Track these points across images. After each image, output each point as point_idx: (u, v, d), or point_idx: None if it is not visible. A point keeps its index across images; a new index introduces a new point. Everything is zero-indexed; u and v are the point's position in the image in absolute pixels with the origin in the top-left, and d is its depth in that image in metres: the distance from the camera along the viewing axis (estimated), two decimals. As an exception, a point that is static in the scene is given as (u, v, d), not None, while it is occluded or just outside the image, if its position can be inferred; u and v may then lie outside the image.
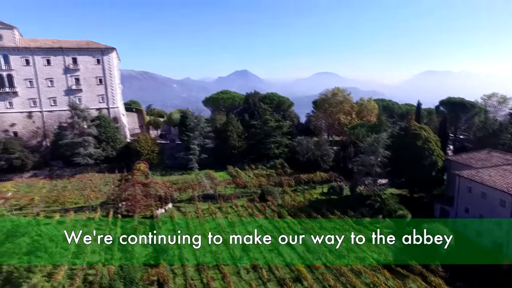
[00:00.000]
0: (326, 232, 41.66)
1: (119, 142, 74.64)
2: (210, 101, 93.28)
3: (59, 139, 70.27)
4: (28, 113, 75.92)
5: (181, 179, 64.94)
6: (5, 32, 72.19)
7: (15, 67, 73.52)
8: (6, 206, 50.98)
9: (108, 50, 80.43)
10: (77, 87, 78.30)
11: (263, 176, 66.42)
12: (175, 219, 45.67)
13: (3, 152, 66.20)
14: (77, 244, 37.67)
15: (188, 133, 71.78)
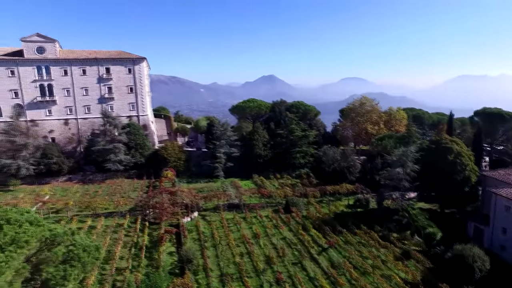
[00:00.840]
0: (351, 247, 41.13)
1: (147, 149, 76.92)
2: (236, 109, 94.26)
3: (91, 145, 73.49)
4: (65, 120, 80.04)
5: (207, 187, 65.96)
6: (47, 45, 77.03)
7: (55, 77, 78.04)
8: (44, 209, 54.13)
9: (138, 60, 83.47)
10: (110, 95, 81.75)
11: (288, 186, 66.32)
12: (201, 228, 46.46)
13: (43, 157, 70.15)
14: (106, 249, 39.72)
15: (215, 142, 72.98)
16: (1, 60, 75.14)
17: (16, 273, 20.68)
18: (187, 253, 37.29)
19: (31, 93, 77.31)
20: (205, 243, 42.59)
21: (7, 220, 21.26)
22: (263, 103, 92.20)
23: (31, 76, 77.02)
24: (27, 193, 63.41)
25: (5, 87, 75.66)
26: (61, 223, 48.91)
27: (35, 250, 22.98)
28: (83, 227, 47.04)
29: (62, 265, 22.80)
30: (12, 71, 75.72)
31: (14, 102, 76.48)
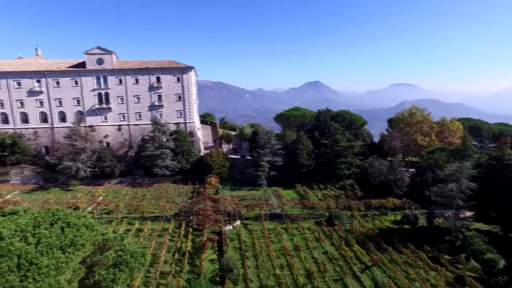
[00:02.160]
0: (396, 267, 39.03)
1: (193, 156, 79.38)
2: (280, 117, 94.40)
3: (141, 150, 77.48)
4: (118, 126, 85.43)
5: (250, 195, 66.52)
6: (106, 56, 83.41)
7: (111, 86, 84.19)
8: (97, 209, 57.95)
9: (187, 69, 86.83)
10: (159, 103, 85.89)
11: (332, 197, 64.90)
12: (242, 237, 46.86)
13: (98, 160, 75.37)
14: (151, 253, 41.47)
15: (258, 150, 73.55)
16: (68, 71, 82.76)
17: (73, 273, 22.22)
18: (228, 262, 37.74)
19: (90, 101, 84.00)
20: (246, 252, 42.84)
21: (68, 223, 23.00)
22: (308, 111, 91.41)
23: (91, 85, 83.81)
24: (84, 193, 68.34)
25: (69, 95, 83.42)
26: (112, 224, 52.22)
27: (89, 253, 24.55)
28: (132, 229, 49.61)
29: (112, 268, 24.16)
30: (76, 81, 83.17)
31: (76, 109, 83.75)
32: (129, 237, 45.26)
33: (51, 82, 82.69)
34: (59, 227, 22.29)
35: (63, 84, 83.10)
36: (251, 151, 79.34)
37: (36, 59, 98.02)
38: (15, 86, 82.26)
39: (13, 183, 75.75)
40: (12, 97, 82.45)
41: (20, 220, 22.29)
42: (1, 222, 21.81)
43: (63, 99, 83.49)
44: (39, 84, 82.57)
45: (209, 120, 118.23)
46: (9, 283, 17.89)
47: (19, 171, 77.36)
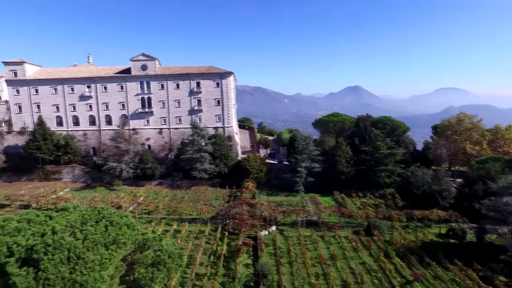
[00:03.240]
0: (441, 284, 36.49)
1: (231, 160, 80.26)
2: (319, 123, 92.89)
3: (181, 153, 79.66)
4: (160, 130, 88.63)
5: (286, 200, 65.97)
6: (149, 63, 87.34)
7: (153, 91, 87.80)
8: (138, 209, 60.25)
9: (226, 74, 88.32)
10: (199, 107, 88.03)
11: (371, 206, 62.60)
12: (278, 243, 46.42)
13: (140, 162, 78.56)
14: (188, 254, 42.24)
15: (296, 155, 72.86)
16: (115, 77, 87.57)
17: (115, 269, 23.14)
18: (263, 267, 37.51)
19: (134, 105, 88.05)
20: (281, 258, 42.36)
21: (111, 222, 24.03)
22: (347, 117, 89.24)
23: (135, 90, 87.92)
24: (127, 193, 71.44)
25: (115, 100, 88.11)
26: (151, 224, 53.99)
27: (130, 251, 25.43)
28: (170, 230, 50.97)
29: (151, 267, 24.83)
30: (121, 86, 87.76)
31: (121, 113, 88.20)
32: (167, 238, 46.49)
33: (100, 87, 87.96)
34: (103, 225, 23.32)
35: (110, 89, 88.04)
36: (288, 157, 78.83)
37: (88, 66, 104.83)
38: (69, 91, 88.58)
39: (65, 181, 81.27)
40: (66, 102, 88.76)
41: (70, 216, 23.64)
42: (55, 217, 23.28)
43: (109, 103, 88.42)
44: (89, 89, 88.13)
45: (247, 125, 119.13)
46: (61, 274, 19.04)
47: (71, 170, 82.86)
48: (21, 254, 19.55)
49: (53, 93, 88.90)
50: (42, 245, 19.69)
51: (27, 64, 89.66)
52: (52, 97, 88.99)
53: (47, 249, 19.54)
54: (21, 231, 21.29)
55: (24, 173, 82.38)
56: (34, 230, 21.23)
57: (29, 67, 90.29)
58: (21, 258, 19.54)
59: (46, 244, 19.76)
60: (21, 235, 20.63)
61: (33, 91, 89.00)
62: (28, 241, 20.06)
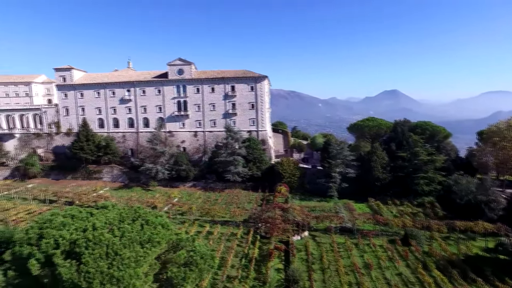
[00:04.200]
0: (489, 302, 33.91)
1: (264, 163, 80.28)
2: (354, 127, 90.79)
3: (214, 156, 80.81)
4: (194, 133, 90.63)
5: (319, 206, 64.89)
6: (185, 67, 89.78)
7: (189, 94, 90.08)
8: (172, 210, 61.73)
9: (260, 78, 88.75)
10: (233, 111, 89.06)
11: (408, 214, 59.98)
12: (310, 249, 45.68)
13: (175, 163, 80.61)
14: (220, 256, 42.58)
15: (330, 160, 71.58)
16: (153, 81, 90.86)
17: (150, 267, 23.78)
18: (294, 273, 37.00)
19: (170, 108, 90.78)
20: (313, 265, 41.61)
21: (147, 221, 24.81)
22: (384, 122, 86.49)
23: (172, 94, 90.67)
24: (161, 194, 73.42)
25: (153, 103, 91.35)
26: (184, 225, 55.10)
27: (164, 250, 26.03)
28: (202, 231, 51.72)
29: (183, 267, 25.23)
30: (159, 90, 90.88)
31: (158, 116, 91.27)
32: (200, 239, 47.10)
33: (138, 91, 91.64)
34: (139, 223, 24.11)
35: (148, 93, 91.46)
36: (322, 161, 77.62)
37: (128, 71, 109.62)
38: (110, 95, 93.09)
39: (105, 180, 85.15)
40: (107, 105, 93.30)
41: (109, 214, 24.70)
42: (95, 214, 24.44)
43: (147, 106, 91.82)
44: (129, 93, 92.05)
45: (281, 129, 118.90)
46: (100, 268, 19.90)
47: (110, 170, 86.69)
48: (65, 247, 20.68)
49: (96, 96, 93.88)
50: (84, 240, 20.70)
51: (74, 70, 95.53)
52: (95, 100, 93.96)
53: (88, 244, 20.52)
54: (65, 225, 22.53)
55: (69, 172, 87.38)
56: (77, 226, 22.37)
57: (76, 72, 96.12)
58: (65, 250, 20.66)
59: (87, 239, 20.75)
60: (66, 230, 21.84)
61: (79, 95, 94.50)
62: (71, 235, 21.19)
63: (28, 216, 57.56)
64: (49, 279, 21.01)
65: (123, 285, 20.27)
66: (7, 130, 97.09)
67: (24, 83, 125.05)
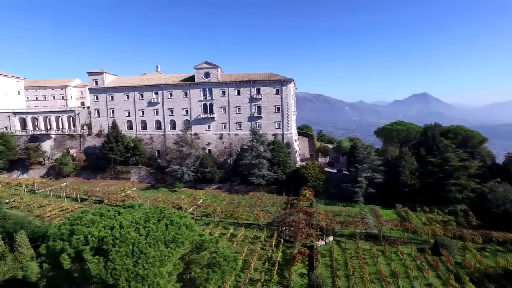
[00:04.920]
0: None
1: (289, 167, 79.71)
2: (382, 132, 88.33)
3: (239, 159, 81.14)
4: (220, 135, 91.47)
5: (345, 211, 63.68)
6: (212, 70, 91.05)
7: (215, 97, 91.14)
8: (197, 211, 62.46)
9: (286, 81, 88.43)
10: (258, 114, 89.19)
11: (438, 222, 57.59)
12: (334, 255, 44.82)
13: (200, 165, 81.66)
14: (243, 259, 42.55)
15: (356, 165, 70.13)
16: (180, 84, 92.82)
17: (174, 267, 24.10)
18: (318, 278, 36.39)
19: (196, 111, 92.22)
20: (337, 271, 40.77)
21: (171, 221, 25.15)
22: (413, 126, 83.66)
23: (198, 97, 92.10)
24: (187, 195, 74.54)
25: (180, 106, 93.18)
26: (208, 226, 55.60)
27: (187, 251, 26.30)
28: (226, 233, 51.99)
29: (206, 268, 25.37)
30: (185, 93, 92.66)
31: (184, 118, 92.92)
32: (223, 241, 47.53)
33: (166, 94, 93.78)
34: (164, 223, 24.48)
35: (175, 96, 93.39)
36: (348, 166, 76.18)
37: (156, 74, 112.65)
38: (139, 98, 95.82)
39: (132, 180, 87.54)
40: (136, 107, 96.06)
41: (136, 213, 25.26)
42: (122, 213, 25.08)
43: (174, 109, 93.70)
44: (157, 96, 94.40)
45: (307, 132, 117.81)
46: (126, 266, 20.40)
47: (137, 171, 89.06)
48: (94, 244, 21.32)
49: (126, 99, 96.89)
50: (111, 238, 21.25)
51: (106, 73, 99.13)
52: (124, 103, 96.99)
53: (115, 241, 21.05)
54: (94, 223, 23.25)
55: (99, 172, 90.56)
56: (105, 224, 23.02)
57: (107, 76, 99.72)
58: (94, 247, 21.31)
59: (114, 237, 21.29)
60: (95, 227, 22.53)
61: (109, 97, 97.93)
62: (100, 232, 21.82)
63: (61, 213, 60.29)
64: (79, 274, 21.75)
65: (148, 283, 20.64)
66: (45, 131, 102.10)
67: (60, 87, 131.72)
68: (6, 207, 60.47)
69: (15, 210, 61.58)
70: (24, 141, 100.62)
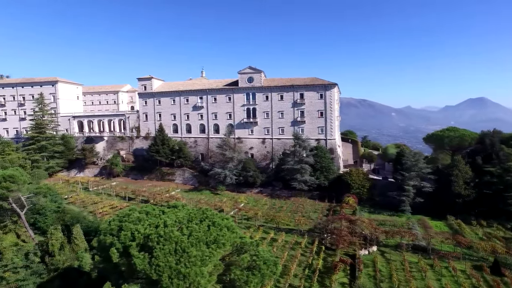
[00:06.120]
0: None
1: (332, 173, 78.05)
2: (432, 138, 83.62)
3: (281, 163, 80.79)
4: (262, 140, 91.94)
5: (390, 220, 60.87)
6: (255, 75, 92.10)
7: (258, 102, 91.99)
8: (238, 214, 63.03)
9: (330, 86, 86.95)
10: (301, 119, 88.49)
11: (498, 238, 52.84)
12: (378, 265, 42.86)
13: (242, 169, 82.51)
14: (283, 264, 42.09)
15: (403, 172, 66.96)
16: (224, 89, 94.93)
17: (214, 267, 24.42)
18: None
19: (239, 115, 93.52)
20: (381, 283, 38.88)
21: (213, 222, 25.57)
22: (467, 132, 78.27)
23: (241, 101, 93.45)
24: (229, 198, 75.56)
25: (223, 110, 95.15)
26: (249, 230, 55.76)
27: (228, 253, 26.52)
28: (267, 238, 51.73)
29: (246, 271, 25.40)
30: (229, 98, 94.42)
31: (228, 123, 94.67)
32: (264, 245, 47.32)
33: (210, 98, 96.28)
34: (206, 224, 24.92)
35: (219, 100, 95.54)
36: (394, 173, 72.96)
37: (201, 79, 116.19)
38: (184, 102, 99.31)
39: (176, 182, 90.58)
40: (181, 111, 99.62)
41: (179, 213, 26.01)
42: (167, 212, 25.97)
43: (218, 113, 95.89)
44: (201, 100, 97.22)
45: (350, 138, 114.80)
46: (169, 263, 21.06)
47: (182, 173, 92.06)
48: (140, 240, 22.26)
49: (172, 104, 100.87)
50: (156, 235, 22.03)
51: (154, 79, 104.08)
52: (171, 107, 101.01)
53: (159, 239, 21.80)
54: (141, 221, 24.27)
55: (146, 173, 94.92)
56: (151, 222, 23.93)
57: (155, 81, 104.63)
58: (140, 243, 22.24)
59: (159, 235, 22.05)
60: (141, 224, 23.52)
61: (157, 102, 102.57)
62: (145, 230, 22.73)
63: (111, 210, 63.93)
64: (126, 268, 22.81)
65: (189, 281, 21.07)
66: (98, 133, 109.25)
67: (112, 92, 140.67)
68: (65, 202, 65.44)
69: (72, 206, 66.21)
70: (80, 142, 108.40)
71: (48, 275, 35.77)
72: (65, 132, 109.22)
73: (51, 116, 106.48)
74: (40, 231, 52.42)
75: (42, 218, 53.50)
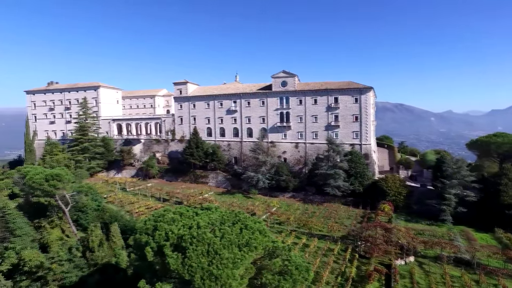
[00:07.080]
0: None
1: (367, 179, 75.87)
2: (476, 144, 78.64)
3: (315, 168, 79.69)
4: (296, 144, 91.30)
5: (429, 230, 57.97)
6: (289, 79, 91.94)
7: (292, 106, 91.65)
8: (271, 219, 62.80)
9: (366, 90, 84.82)
10: (335, 123, 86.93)
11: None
12: (415, 277, 40.91)
13: (275, 173, 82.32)
14: (315, 270, 41.30)
15: (444, 180, 63.66)
16: (257, 93, 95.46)
17: (245, 271, 24.42)
18: (398, 301, 33.57)
19: (273, 119, 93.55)
20: (420, 295, 37.15)
21: (245, 226, 25.63)
22: (518, 138, 72.83)
23: (275, 105, 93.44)
24: (261, 202, 75.56)
25: (257, 114, 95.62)
26: (281, 234, 55.36)
27: (260, 256, 26.42)
28: (299, 243, 51.10)
29: (278, 276, 25.17)
30: (262, 102, 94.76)
31: (261, 126, 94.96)
32: (296, 250, 46.77)
33: (244, 102, 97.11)
34: (239, 227, 25.01)
35: (253, 104, 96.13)
36: (434, 181, 69.54)
37: (235, 84, 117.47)
38: (218, 106, 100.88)
39: (210, 185, 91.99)
40: (215, 115, 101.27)
41: (212, 215, 26.34)
42: (200, 214, 26.39)
43: (251, 117, 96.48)
44: (235, 104, 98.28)
45: (387, 143, 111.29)
46: (201, 264, 21.35)
47: (215, 176, 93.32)
48: (174, 240, 22.76)
49: (206, 107, 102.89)
50: (189, 236, 22.41)
51: (189, 83, 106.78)
52: (205, 111, 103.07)
53: (192, 240, 22.15)
54: (175, 221, 24.83)
55: (180, 175, 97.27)
56: (184, 223, 24.41)
57: (190, 86, 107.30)
58: (173, 244, 22.73)
59: (192, 236, 22.41)
60: (175, 225, 24.05)
61: (192, 106, 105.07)
62: (179, 230, 23.21)
63: (146, 210, 66.08)
64: (160, 267, 23.39)
65: (221, 283, 21.20)
66: (136, 136, 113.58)
67: (149, 96, 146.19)
68: (105, 201, 68.57)
69: (110, 205, 69.16)
70: (119, 144, 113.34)
71: (88, 269, 37.61)
72: (105, 134, 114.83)
73: (93, 119, 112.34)
74: (82, 228, 55.39)
75: (84, 216, 56.82)
